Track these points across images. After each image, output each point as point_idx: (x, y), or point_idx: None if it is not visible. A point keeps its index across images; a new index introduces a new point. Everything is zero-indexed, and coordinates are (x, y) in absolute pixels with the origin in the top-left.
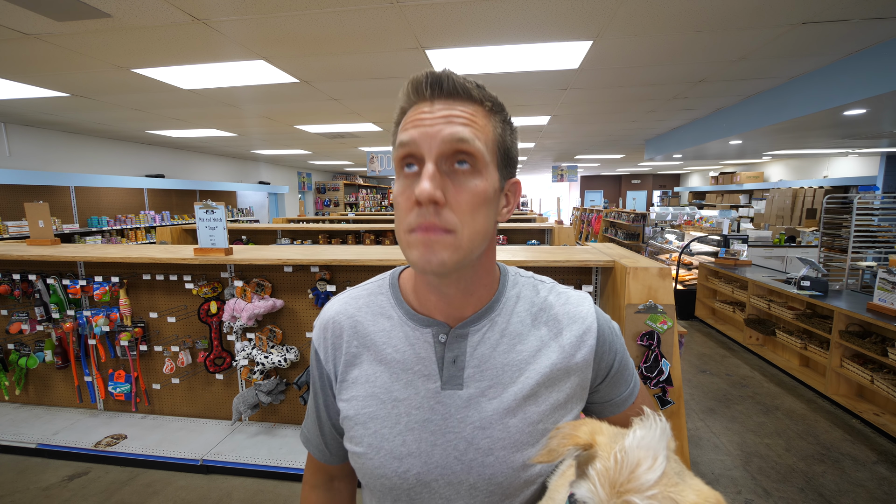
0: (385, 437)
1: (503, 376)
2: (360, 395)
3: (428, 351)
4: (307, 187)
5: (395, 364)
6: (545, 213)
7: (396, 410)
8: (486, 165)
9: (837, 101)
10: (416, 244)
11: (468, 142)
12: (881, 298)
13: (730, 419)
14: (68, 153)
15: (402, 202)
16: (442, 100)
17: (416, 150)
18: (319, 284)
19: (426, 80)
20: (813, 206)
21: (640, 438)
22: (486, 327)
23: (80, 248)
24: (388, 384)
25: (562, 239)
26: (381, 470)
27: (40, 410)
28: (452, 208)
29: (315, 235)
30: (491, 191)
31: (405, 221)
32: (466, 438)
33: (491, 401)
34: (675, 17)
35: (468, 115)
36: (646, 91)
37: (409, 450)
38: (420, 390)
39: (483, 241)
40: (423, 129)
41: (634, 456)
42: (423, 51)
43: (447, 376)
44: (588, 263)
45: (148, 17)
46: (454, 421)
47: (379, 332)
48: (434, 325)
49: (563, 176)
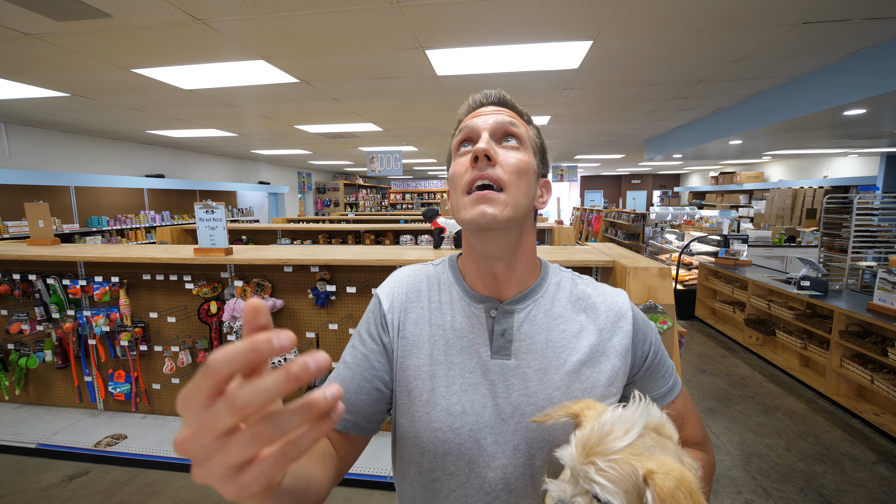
0: (442, 395)
1: (547, 351)
2: (423, 354)
3: (481, 323)
4: (307, 187)
5: (454, 332)
6: (545, 213)
7: (452, 372)
8: (528, 148)
9: (837, 101)
10: (472, 203)
11: (515, 125)
12: (881, 298)
13: (730, 419)
14: (68, 153)
15: (458, 169)
16: (492, 105)
17: (473, 131)
18: (319, 284)
19: (481, 95)
20: (813, 206)
21: (619, 414)
22: (530, 307)
23: (80, 248)
24: (446, 348)
25: (562, 239)
26: (436, 423)
27: (40, 410)
28: (502, 167)
29: (315, 235)
30: (532, 166)
31: (462, 183)
32: (513, 404)
33: (536, 371)
34: (675, 17)
35: (513, 117)
36: (646, 91)
37: (463, 408)
38: (473, 356)
39: (526, 209)
40: (479, 118)
41: (608, 426)
42: (423, 51)
43: (496, 346)
44: (588, 263)
45: (148, 17)
46: (502, 387)
47: (444, 302)
48: (486, 300)
49: (563, 176)
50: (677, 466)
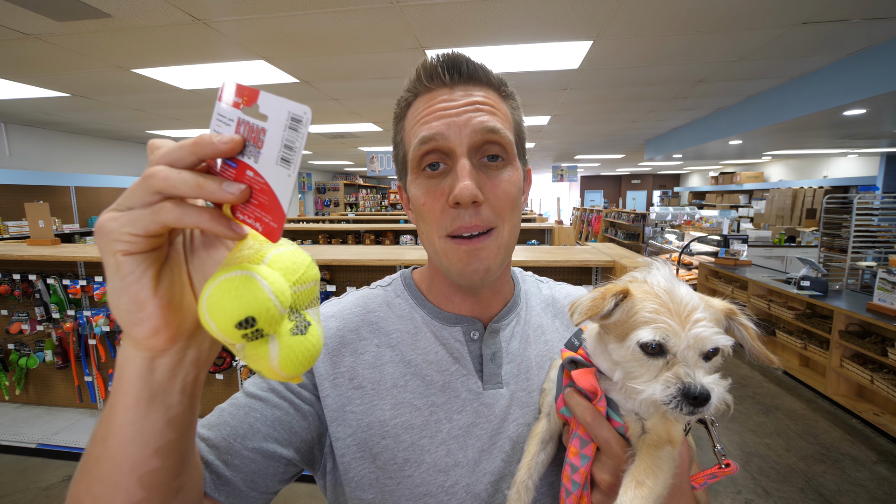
0: (426, 449)
1: (541, 369)
2: (388, 404)
3: (461, 350)
4: (307, 187)
5: (430, 366)
6: (545, 213)
7: (435, 417)
8: (515, 156)
9: (837, 101)
10: (457, 254)
11: (499, 132)
12: (881, 298)
13: (730, 419)
14: (68, 153)
15: (430, 204)
16: (461, 84)
17: (444, 143)
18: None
19: (443, 65)
20: (813, 206)
21: (661, 275)
22: (513, 322)
23: (81, 248)
24: (422, 389)
25: (562, 239)
26: (424, 487)
27: (40, 410)
28: (491, 205)
29: (315, 235)
30: (521, 181)
31: (439, 225)
32: (512, 438)
33: (532, 394)
34: (675, 17)
35: (490, 102)
36: (646, 91)
37: (455, 460)
38: (460, 392)
39: (517, 237)
40: (449, 119)
41: (670, 286)
42: (423, 51)
43: (487, 374)
44: (588, 263)
45: (148, 17)
46: (498, 422)
47: (407, 331)
48: (463, 321)
49: (563, 176)
50: (722, 302)
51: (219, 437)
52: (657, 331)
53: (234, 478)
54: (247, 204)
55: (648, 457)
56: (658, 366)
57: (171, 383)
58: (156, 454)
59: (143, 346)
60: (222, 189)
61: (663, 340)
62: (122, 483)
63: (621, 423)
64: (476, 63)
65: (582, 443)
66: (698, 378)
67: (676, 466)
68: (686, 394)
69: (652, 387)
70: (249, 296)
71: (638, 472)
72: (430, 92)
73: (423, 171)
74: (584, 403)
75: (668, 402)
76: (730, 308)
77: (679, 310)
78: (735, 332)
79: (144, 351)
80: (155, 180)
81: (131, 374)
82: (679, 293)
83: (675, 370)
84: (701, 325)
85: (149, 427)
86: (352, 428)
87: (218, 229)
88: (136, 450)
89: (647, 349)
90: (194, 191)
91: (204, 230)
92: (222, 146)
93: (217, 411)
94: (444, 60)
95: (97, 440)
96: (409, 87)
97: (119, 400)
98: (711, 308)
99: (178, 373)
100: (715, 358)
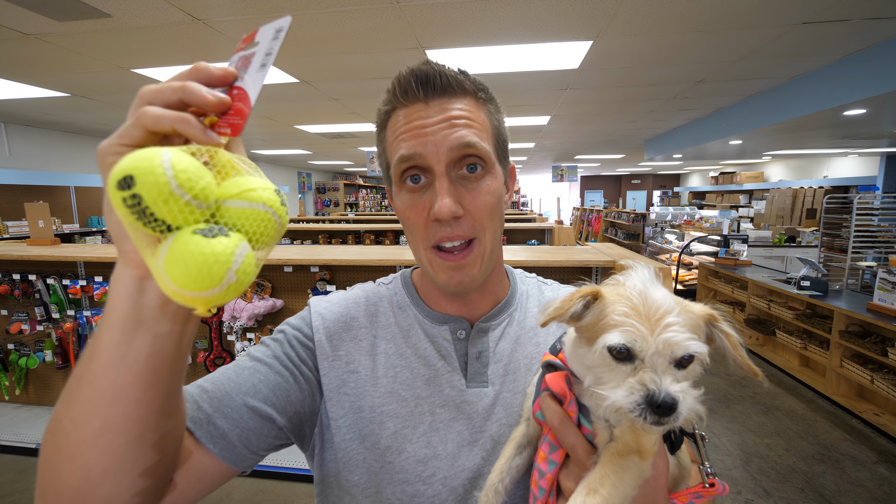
0: (408, 438)
1: (529, 373)
2: (381, 391)
3: (448, 348)
4: (307, 187)
5: (419, 361)
6: (545, 214)
7: (419, 409)
8: (493, 164)
9: (837, 101)
10: (441, 267)
11: (475, 146)
12: (881, 298)
13: (730, 419)
14: (68, 153)
15: (413, 217)
16: (436, 98)
17: (422, 162)
18: (319, 284)
19: (415, 79)
20: (813, 206)
21: (639, 277)
22: (504, 322)
23: (80, 248)
24: (409, 381)
25: (562, 239)
26: (402, 475)
27: (40, 410)
28: (472, 215)
29: (315, 235)
30: (500, 187)
31: (423, 237)
32: (493, 437)
33: (517, 395)
34: (675, 17)
35: (467, 112)
36: (646, 91)
37: (434, 451)
38: (444, 388)
39: (500, 239)
40: (425, 137)
41: (644, 289)
42: (423, 51)
43: (472, 373)
44: (588, 263)
45: (148, 17)
46: (480, 420)
47: (399, 327)
48: (451, 321)
49: (563, 176)
50: (702, 307)
51: (221, 390)
52: (624, 334)
53: (231, 431)
54: (225, 114)
55: (609, 465)
56: (626, 371)
57: (161, 311)
58: (138, 382)
59: (132, 262)
60: (204, 96)
61: (630, 344)
62: (101, 408)
63: (591, 430)
64: (450, 74)
65: (551, 448)
66: (665, 385)
67: (648, 480)
68: (650, 401)
69: (615, 393)
70: (139, 156)
71: (594, 480)
72: (405, 108)
73: (405, 184)
74: (555, 407)
75: (632, 410)
76: (710, 314)
77: (650, 313)
78: (717, 341)
79: (133, 268)
80: (141, 98)
81: (120, 292)
82: (653, 296)
83: (640, 376)
84: (672, 330)
85: (133, 352)
86: (345, 409)
87: (192, 132)
88: (118, 374)
89: (615, 353)
90: (177, 93)
91: (180, 133)
92: (211, 99)
93: (220, 370)
94: (418, 75)
95: (83, 361)
96: (386, 101)
97: (106, 321)
98: (689, 313)
99: (169, 300)
100: (691, 366)
